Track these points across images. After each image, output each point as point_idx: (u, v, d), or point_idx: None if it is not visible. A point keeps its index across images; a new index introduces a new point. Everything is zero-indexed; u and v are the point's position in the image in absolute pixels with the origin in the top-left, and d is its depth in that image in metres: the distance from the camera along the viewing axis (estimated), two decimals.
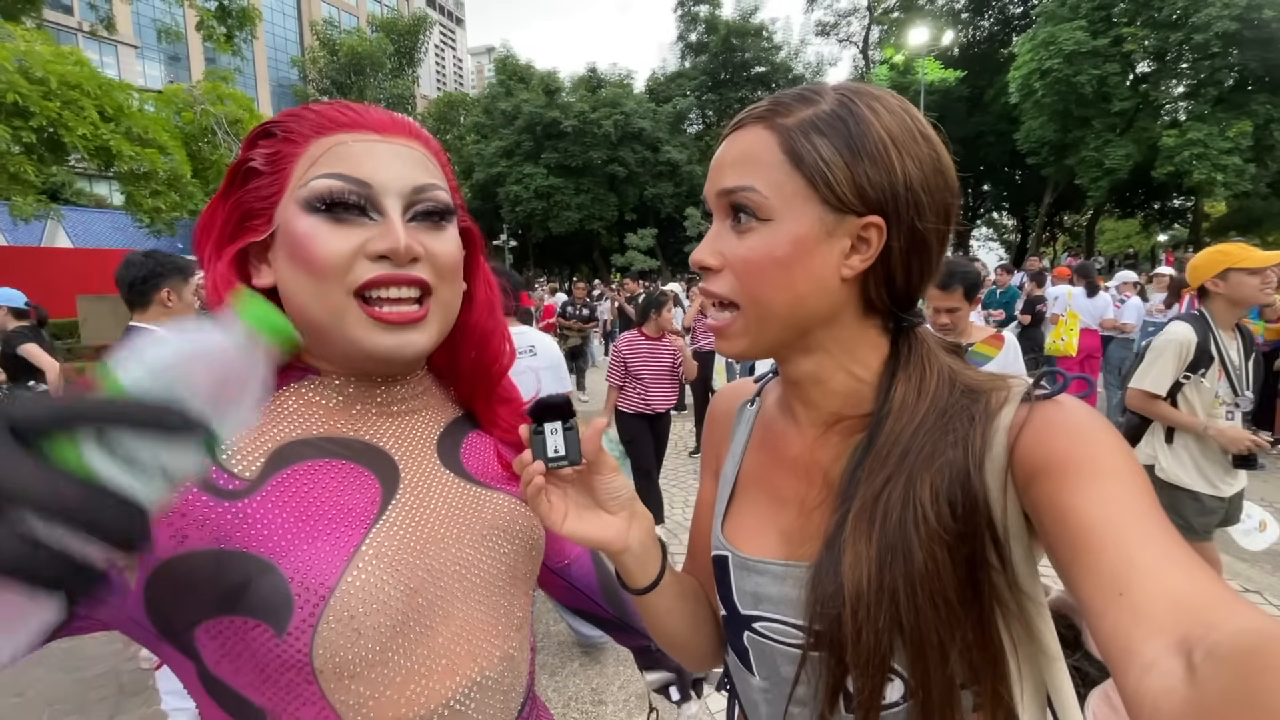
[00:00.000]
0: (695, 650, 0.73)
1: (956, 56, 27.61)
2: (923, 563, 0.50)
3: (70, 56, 6.86)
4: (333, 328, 0.56)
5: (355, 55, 29.67)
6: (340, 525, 0.54)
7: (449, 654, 0.57)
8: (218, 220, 0.59)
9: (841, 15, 32.29)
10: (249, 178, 0.58)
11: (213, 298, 0.57)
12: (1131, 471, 0.46)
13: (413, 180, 0.58)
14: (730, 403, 0.78)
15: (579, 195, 29.39)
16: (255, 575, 0.49)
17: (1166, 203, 26.84)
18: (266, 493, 0.53)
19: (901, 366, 0.58)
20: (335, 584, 0.50)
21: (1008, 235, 36.76)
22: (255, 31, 11.14)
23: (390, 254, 0.55)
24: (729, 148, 0.58)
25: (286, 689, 0.50)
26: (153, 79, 39.05)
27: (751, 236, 0.55)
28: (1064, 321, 6.44)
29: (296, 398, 0.59)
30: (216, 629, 0.49)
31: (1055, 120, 20.12)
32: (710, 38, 31.66)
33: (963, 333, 2.47)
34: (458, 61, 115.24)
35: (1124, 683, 0.37)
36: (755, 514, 0.66)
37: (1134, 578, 0.39)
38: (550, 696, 2.63)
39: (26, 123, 6.27)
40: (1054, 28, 19.07)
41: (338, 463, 0.57)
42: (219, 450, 0.38)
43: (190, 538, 0.49)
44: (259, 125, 0.60)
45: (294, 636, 0.48)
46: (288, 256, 0.56)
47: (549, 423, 0.58)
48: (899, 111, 0.55)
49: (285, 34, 56.90)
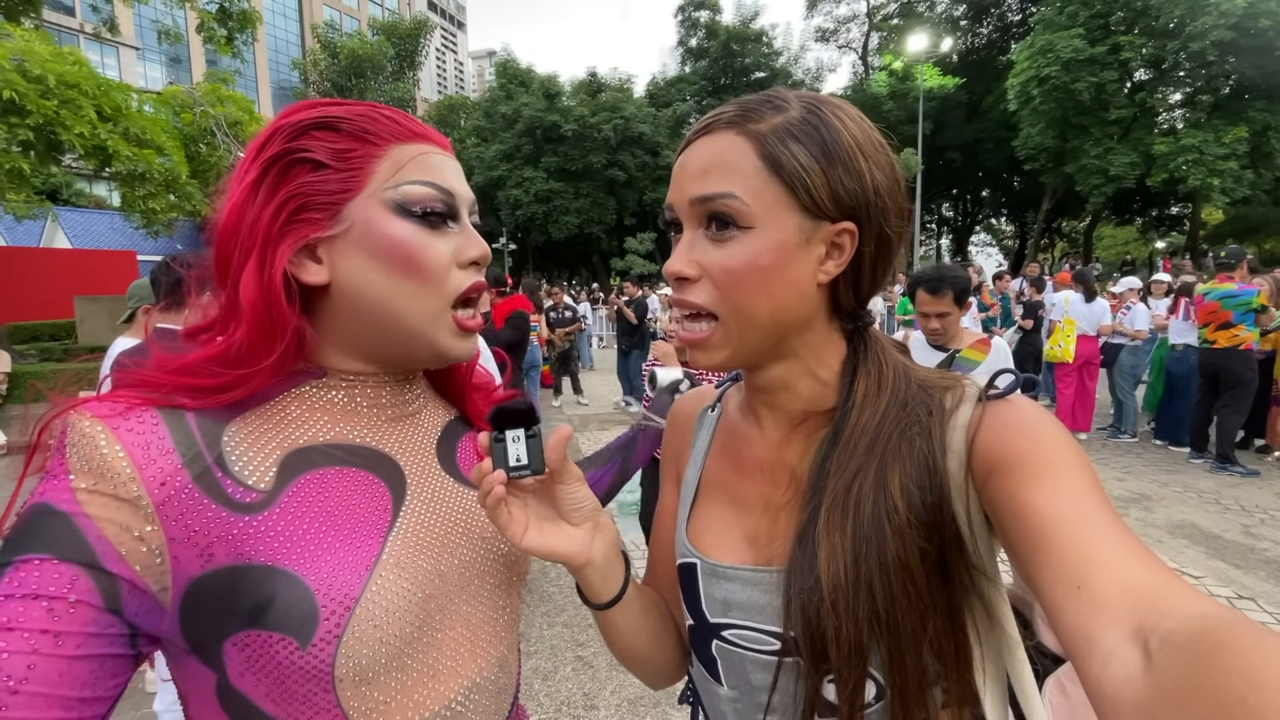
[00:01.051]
0: (657, 666, 0.71)
1: (955, 63, 27.74)
2: (895, 552, 0.51)
3: (69, 56, 6.86)
4: (424, 332, 0.58)
5: (356, 58, 29.74)
6: (358, 534, 0.54)
7: (454, 656, 0.58)
8: (265, 210, 0.54)
9: (841, 22, 32.55)
10: (299, 169, 0.55)
11: (253, 296, 0.53)
12: (1082, 466, 0.48)
13: (469, 193, 0.63)
14: (691, 409, 0.77)
15: (578, 199, 29.45)
16: (280, 588, 0.49)
17: (1164, 210, 26.96)
18: (284, 504, 0.52)
19: (861, 363, 0.60)
20: (360, 594, 0.51)
21: (1006, 241, 36.90)
22: (256, 34, 11.16)
23: (480, 260, 0.60)
24: (698, 153, 0.56)
25: (303, 699, 0.50)
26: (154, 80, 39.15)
27: (732, 245, 0.54)
28: (1061, 328, 6.44)
29: (299, 402, 0.58)
30: (243, 642, 0.49)
31: (1053, 127, 20.20)
32: (710, 43, 31.82)
33: (953, 337, 2.48)
34: (459, 65, 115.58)
35: (1086, 673, 0.38)
36: (719, 519, 0.65)
37: (1091, 571, 0.40)
38: (543, 701, 2.61)
39: (23, 120, 6.27)
40: (1052, 35, 19.16)
41: (348, 470, 0.57)
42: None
43: (216, 555, 0.49)
44: (304, 114, 0.56)
45: (319, 648, 0.49)
46: (378, 257, 0.55)
47: (510, 430, 0.56)
48: (860, 120, 0.57)
49: (287, 36, 57.07)
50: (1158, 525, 4.31)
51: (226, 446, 0.52)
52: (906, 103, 24.20)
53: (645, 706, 2.55)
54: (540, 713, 2.55)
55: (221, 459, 0.51)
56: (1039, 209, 25.28)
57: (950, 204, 34.51)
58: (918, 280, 2.52)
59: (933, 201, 32.17)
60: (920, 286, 2.47)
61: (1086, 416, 6.54)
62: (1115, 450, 6.20)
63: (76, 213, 22.33)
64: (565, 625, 3.19)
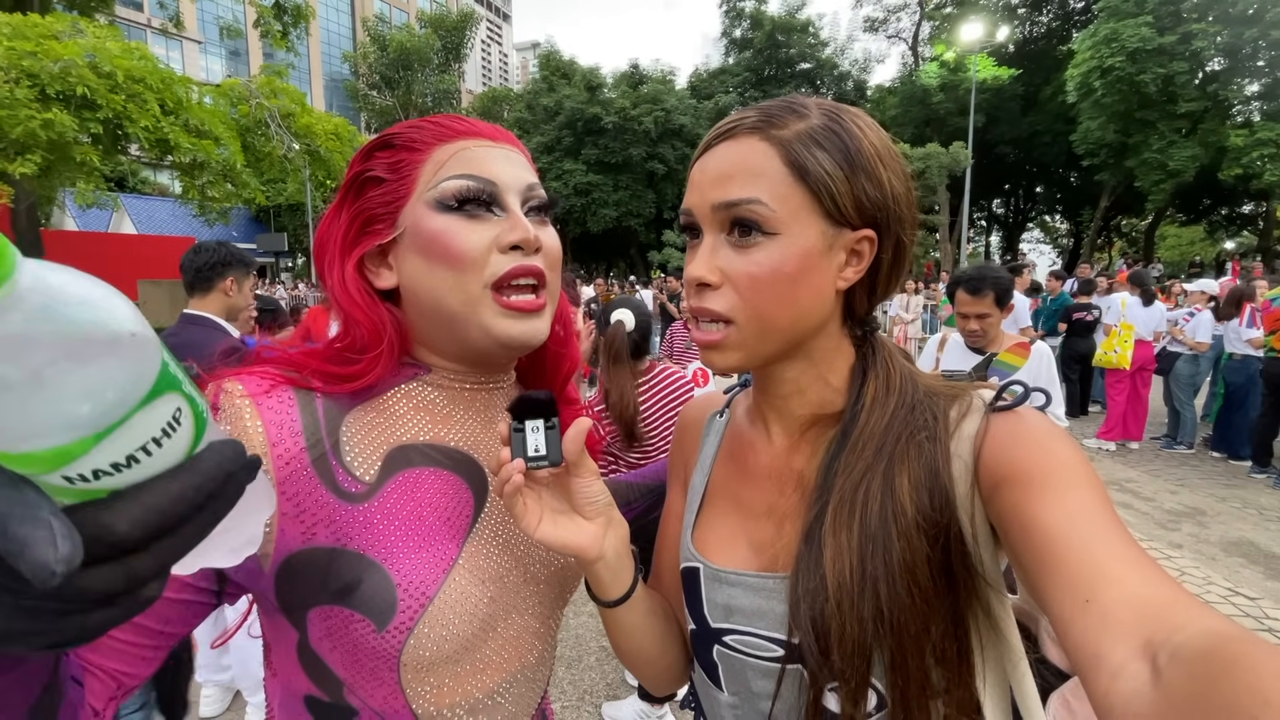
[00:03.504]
0: (660, 669, 0.71)
1: (1011, 53, 26.65)
2: (901, 553, 0.51)
3: (136, 51, 7.20)
4: (468, 316, 0.59)
5: (404, 51, 30.33)
6: (441, 535, 0.59)
7: (505, 651, 0.63)
8: (339, 229, 0.61)
9: (891, 10, 31.52)
10: (368, 187, 0.61)
11: (343, 299, 0.60)
12: (1090, 480, 0.47)
13: (525, 179, 0.63)
14: (699, 414, 0.77)
15: (617, 192, 29.46)
16: (367, 576, 0.54)
17: (1235, 208, 25.43)
18: (383, 498, 0.57)
19: (870, 366, 0.60)
20: (435, 593, 0.55)
21: (1061, 239, 35.41)
22: (309, 28, 11.50)
23: (523, 244, 0.60)
24: (719, 158, 0.56)
25: (370, 672, 0.56)
26: (214, 73, 40.75)
27: (757, 251, 0.54)
28: (1117, 332, 6.10)
29: (406, 400, 0.62)
30: (327, 614, 0.54)
31: (1115, 121, 19.24)
32: (755, 33, 31.31)
33: (992, 340, 2.40)
34: (503, 57, 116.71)
35: (1093, 688, 0.37)
36: (725, 525, 0.65)
37: (1100, 585, 0.40)
38: (566, 689, 2.66)
39: (94, 114, 6.62)
40: (1117, 24, 18.20)
41: (440, 471, 0.61)
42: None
43: (318, 535, 0.54)
44: (377, 137, 0.62)
45: (392, 634, 0.54)
46: (422, 253, 0.59)
47: (530, 420, 0.56)
48: (878, 129, 0.57)
49: (339, 30, 58.60)
50: (1212, 542, 4.10)
51: (344, 435, 0.57)
52: (958, 95, 23.37)
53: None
54: (564, 699, 2.59)
55: (338, 446, 0.57)
56: (1096, 206, 24.18)
57: (1001, 200, 33.28)
58: (958, 280, 2.44)
59: (983, 198, 31.04)
60: (960, 286, 2.40)
61: (1139, 424, 6.24)
62: (1170, 461, 5.91)
63: (141, 200, 23.45)
64: (591, 615, 3.23)
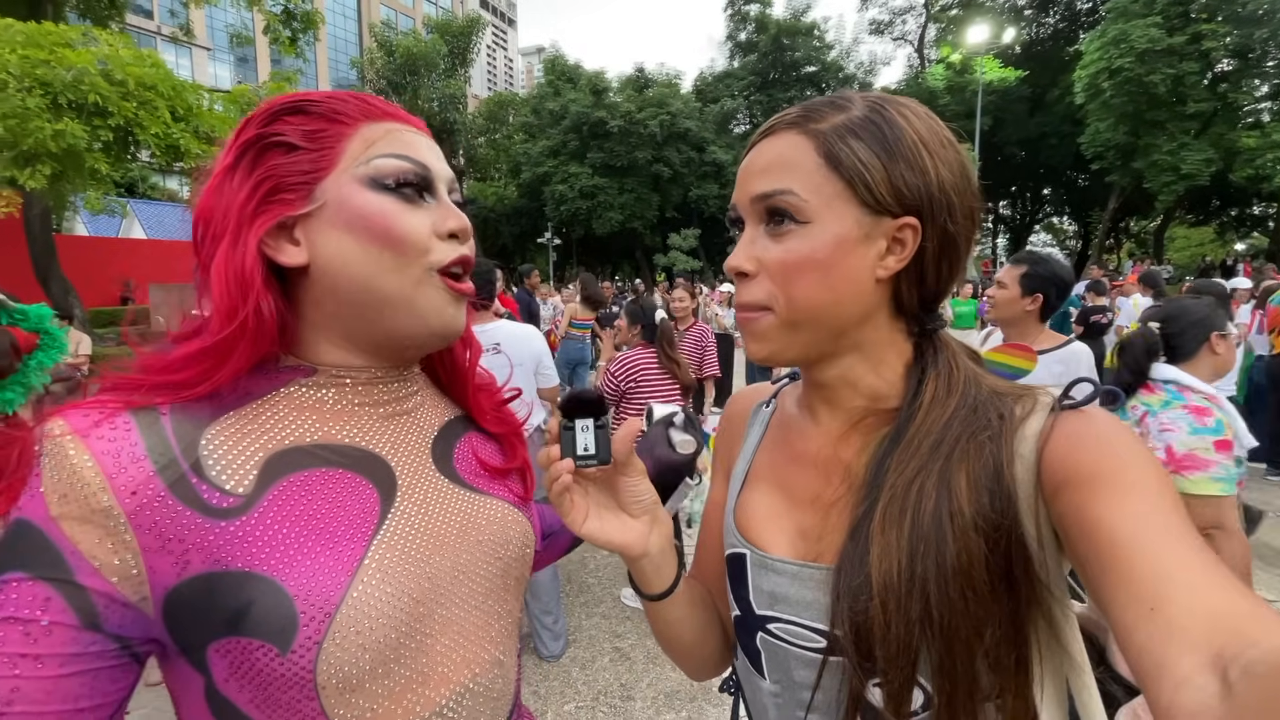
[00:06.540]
0: (700, 658, 0.71)
1: (1018, 55, 26.51)
2: (956, 554, 0.49)
3: (147, 59, 7.24)
4: (406, 299, 0.56)
5: (410, 56, 30.48)
6: (341, 538, 0.53)
7: (445, 661, 0.57)
8: (237, 196, 0.54)
9: (897, 13, 31.54)
10: (271, 153, 0.56)
11: (231, 280, 0.53)
12: (1161, 483, 0.45)
13: (448, 171, 0.62)
14: (746, 405, 0.77)
15: (622, 195, 29.53)
16: (258, 595, 0.48)
17: (1246, 209, 25.25)
18: (264, 508, 0.51)
19: (930, 365, 0.59)
20: (340, 601, 0.49)
21: (1069, 241, 35.23)
22: (318, 34, 11.58)
23: (459, 233, 0.59)
24: (760, 154, 0.58)
25: (288, 706, 0.50)
26: (223, 80, 41.06)
27: (790, 239, 0.55)
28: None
29: (287, 403, 0.57)
30: (225, 649, 0.48)
31: (1124, 122, 19.09)
32: (760, 37, 31.35)
33: (1007, 323, 2.41)
34: (509, 61, 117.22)
35: (1156, 698, 0.36)
36: (767, 507, 0.65)
37: (1166, 592, 0.38)
38: (580, 690, 2.65)
39: (105, 122, 6.65)
40: (1126, 24, 18.09)
41: (335, 471, 0.56)
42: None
43: (192, 563, 0.48)
44: (278, 100, 0.57)
45: (298, 655, 0.48)
46: (351, 230, 0.55)
47: (580, 419, 0.56)
48: (926, 118, 0.57)
49: (346, 36, 59.00)
50: None
51: (204, 450, 0.51)
52: (964, 96, 23.26)
53: (681, 700, 2.56)
54: (578, 700, 2.59)
55: (198, 464, 0.50)
56: (1104, 208, 24.04)
57: (1009, 202, 33.16)
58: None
59: (990, 200, 30.93)
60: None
61: None
62: None
63: (152, 205, 23.63)
64: (603, 616, 3.23)
